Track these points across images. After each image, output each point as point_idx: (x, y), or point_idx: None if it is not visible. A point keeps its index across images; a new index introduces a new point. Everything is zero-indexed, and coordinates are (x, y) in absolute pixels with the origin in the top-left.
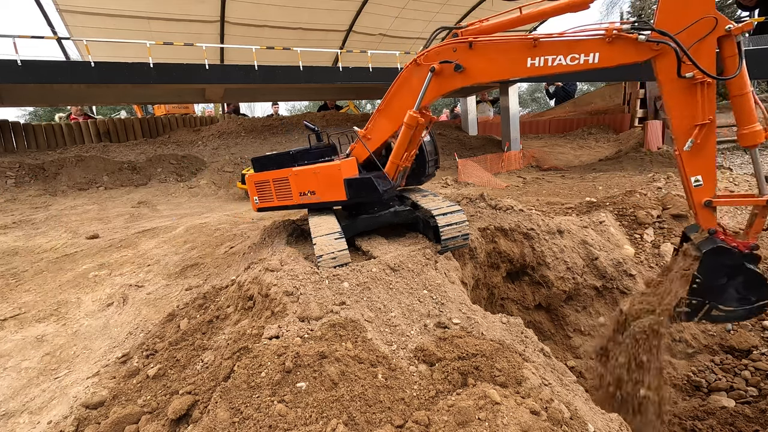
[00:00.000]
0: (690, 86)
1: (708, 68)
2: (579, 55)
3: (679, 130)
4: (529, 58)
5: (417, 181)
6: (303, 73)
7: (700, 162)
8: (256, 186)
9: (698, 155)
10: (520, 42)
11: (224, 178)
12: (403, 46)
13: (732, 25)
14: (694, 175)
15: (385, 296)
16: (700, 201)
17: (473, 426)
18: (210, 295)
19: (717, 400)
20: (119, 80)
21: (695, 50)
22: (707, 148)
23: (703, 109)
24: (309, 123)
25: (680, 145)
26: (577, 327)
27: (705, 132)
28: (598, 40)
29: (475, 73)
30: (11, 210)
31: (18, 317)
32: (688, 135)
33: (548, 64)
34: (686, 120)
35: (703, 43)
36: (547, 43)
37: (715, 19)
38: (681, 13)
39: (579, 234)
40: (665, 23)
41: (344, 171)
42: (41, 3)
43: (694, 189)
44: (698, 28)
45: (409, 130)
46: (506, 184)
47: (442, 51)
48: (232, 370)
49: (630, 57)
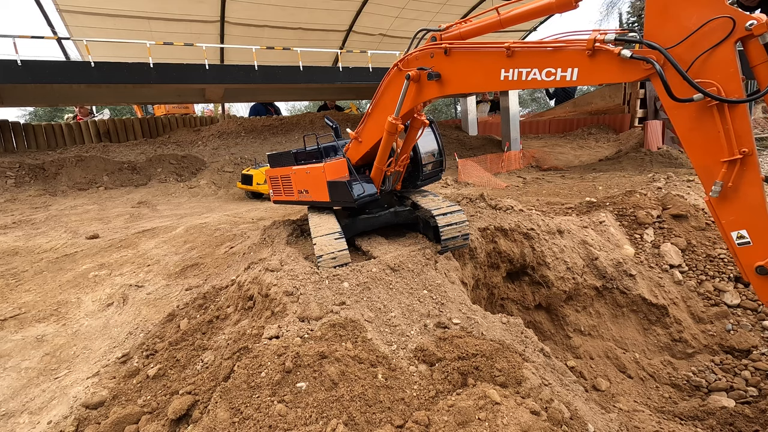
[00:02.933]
0: (703, 110)
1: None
2: (555, 69)
3: (700, 170)
4: (503, 70)
5: (413, 185)
6: (303, 73)
7: (741, 211)
8: (271, 181)
9: (736, 202)
10: (494, 51)
11: (224, 178)
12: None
13: (754, 21)
14: (735, 229)
15: (385, 296)
16: (750, 265)
17: (473, 426)
18: (210, 295)
19: (717, 400)
20: (119, 80)
21: (703, 61)
22: (749, 190)
23: (729, 139)
24: (329, 119)
25: (706, 189)
26: (577, 327)
27: (739, 170)
28: (577, 53)
29: (450, 82)
30: (11, 210)
31: (18, 317)
32: (712, 175)
33: (522, 78)
34: (707, 156)
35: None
36: (523, 52)
37: (732, 20)
38: (676, 17)
39: (579, 234)
40: (656, 32)
41: (328, 173)
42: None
43: (738, 249)
44: (707, 34)
45: (390, 137)
46: (506, 184)
47: (420, 56)
48: (232, 370)
49: (614, 76)
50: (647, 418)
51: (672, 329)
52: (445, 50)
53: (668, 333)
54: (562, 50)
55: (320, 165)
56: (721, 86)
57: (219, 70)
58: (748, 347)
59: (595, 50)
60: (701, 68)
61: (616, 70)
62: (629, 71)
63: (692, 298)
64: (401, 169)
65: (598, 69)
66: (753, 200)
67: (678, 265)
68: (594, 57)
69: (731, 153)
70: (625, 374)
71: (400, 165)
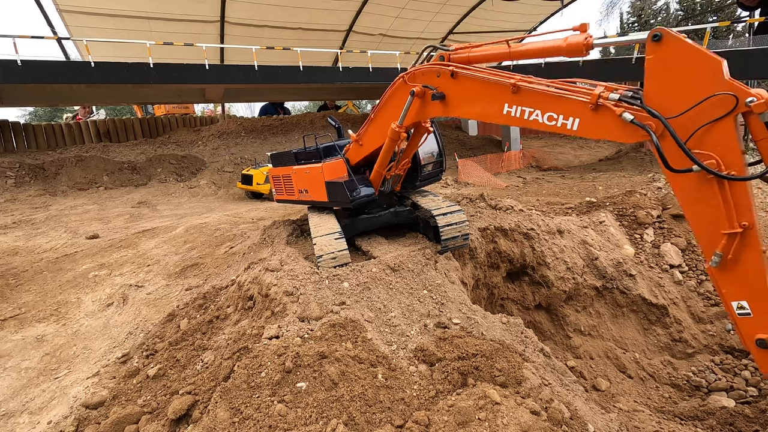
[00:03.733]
0: (703, 180)
1: (726, 155)
2: (558, 115)
3: (701, 239)
4: (507, 104)
5: (412, 185)
6: (303, 73)
7: (741, 282)
8: (273, 180)
9: (736, 273)
10: (501, 84)
11: (224, 178)
12: (403, 46)
13: (754, 99)
14: (735, 299)
15: (385, 296)
16: (750, 336)
17: (473, 426)
18: (210, 295)
19: (717, 400)
20: (119, 80)
21: (703, 132)
22: (750, 263)
23: (729, 211)
24: (332, 119)
25: (707, 258)
26: (577, 327)
27: (740, 243)
28: (581, 104)
29: (454, 106)
30: (11, 210)
31: (18, 317)
32: (713, 245)
33: (524, 117)
34: (707, 226)
35: (717, 124)
36: (528, 91)
37: (735, 98)
38: (678, 87)
39: (579, 234)
40: (656, 97)
41: (326, 173)
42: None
43: (738, 319)
44: (708, 108)
45: (392, 143)
46: (506, 184)
47: (427, 73)
48: (232, 370)
49: (614, 134)
50: (647, 418)
51: (672, 329)
52: (452, 73)
53: (668, 333)
54: (566, 98)
55: (319, 165)
56: (721, 159)
57: (219, 70)
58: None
59: (598, 105)
60: (701, 139)
61: (616, 129)
62: (629, 133)
63: (692, 298)
64: (401, 172)
65: (598, 124)
66: (753, 273)
67: (678, 265)
68: (596, 111)
69: (731, 226)
70: (625, 374)
71: (401, 169)
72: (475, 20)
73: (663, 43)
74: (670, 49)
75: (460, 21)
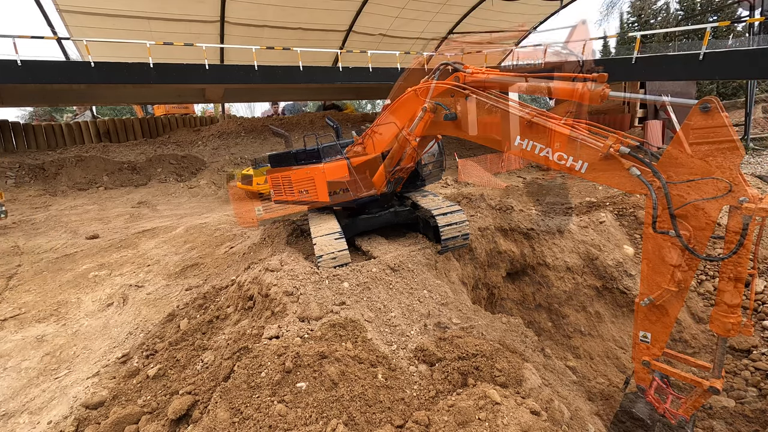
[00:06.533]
0: (667, 245)
1: (699, 232)
2: (568, 156)
3: (644, 282)
4: (519, 137)
5: (413, 185)
6: (303, 73)
7: (655, 323)
8: (272, 181)
9: (656, 314)
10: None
11: (224, 178)
12: (403, 46)
13: (746, 199)
14: (644, 330)
15: (385, 296)
16: (639, 357)
17: (473, 426)
18: (210, 295)
19: (717, 400)
20: (119, 80)
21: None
22: (668, 315)
23: (673, 276)
24: (330, 120)
25: (640, 296)
26: (577, 327)
27: (670, 299)
28: (592, 150)
29: (464, 128)
30: (11, 210)
31: (18, 317)
32: (650, 291)
33: (534, 151)
34: (655, 276)
35: (705, 204)
36: (542, 128)
37: (729, 186)
38: (690, 165)
39: (579, 234)
40: (669, 165)
41: (328, 173)
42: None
43: (638, 342)
44: (706, 187)
45: (401, 149)
46: (506, 184)
47: (441, 91)
48: (232, 370)
49: (618, 183)
50: None
51: (672, 329)
52: (467, 96)
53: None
54: (580, 142)
55: (320, 165)
56: (693, 235)
57: (219, 70)
58: (748, 347)
59: (608, 156)
60: (685, 209)
61: (621, 179)
62: (632, 185)
63: (692, 298)
64: (405, 175)
65: (606, 171)
66: (668, 319)
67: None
68: (606, 160)
69: (671, 286)
70: (625, 374)
71: (405, 172)
72: (475, 20)
73: (708, 115)
74: (712, 120)
75: (460, 21)
